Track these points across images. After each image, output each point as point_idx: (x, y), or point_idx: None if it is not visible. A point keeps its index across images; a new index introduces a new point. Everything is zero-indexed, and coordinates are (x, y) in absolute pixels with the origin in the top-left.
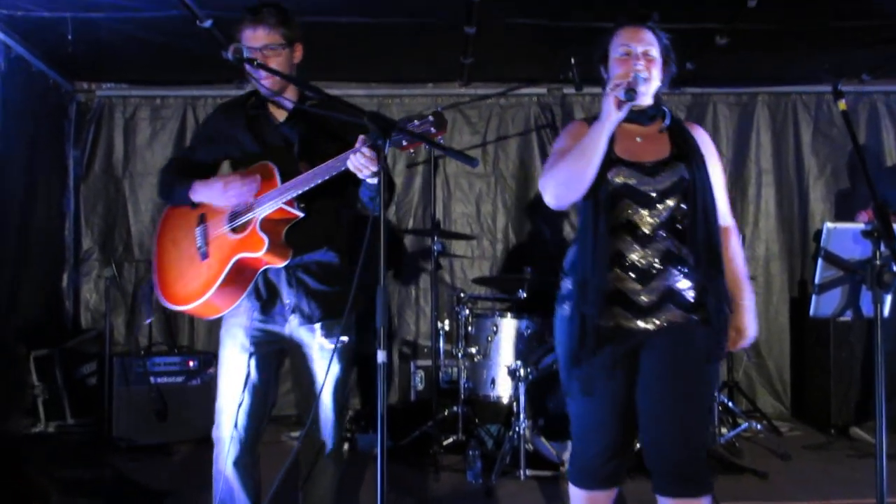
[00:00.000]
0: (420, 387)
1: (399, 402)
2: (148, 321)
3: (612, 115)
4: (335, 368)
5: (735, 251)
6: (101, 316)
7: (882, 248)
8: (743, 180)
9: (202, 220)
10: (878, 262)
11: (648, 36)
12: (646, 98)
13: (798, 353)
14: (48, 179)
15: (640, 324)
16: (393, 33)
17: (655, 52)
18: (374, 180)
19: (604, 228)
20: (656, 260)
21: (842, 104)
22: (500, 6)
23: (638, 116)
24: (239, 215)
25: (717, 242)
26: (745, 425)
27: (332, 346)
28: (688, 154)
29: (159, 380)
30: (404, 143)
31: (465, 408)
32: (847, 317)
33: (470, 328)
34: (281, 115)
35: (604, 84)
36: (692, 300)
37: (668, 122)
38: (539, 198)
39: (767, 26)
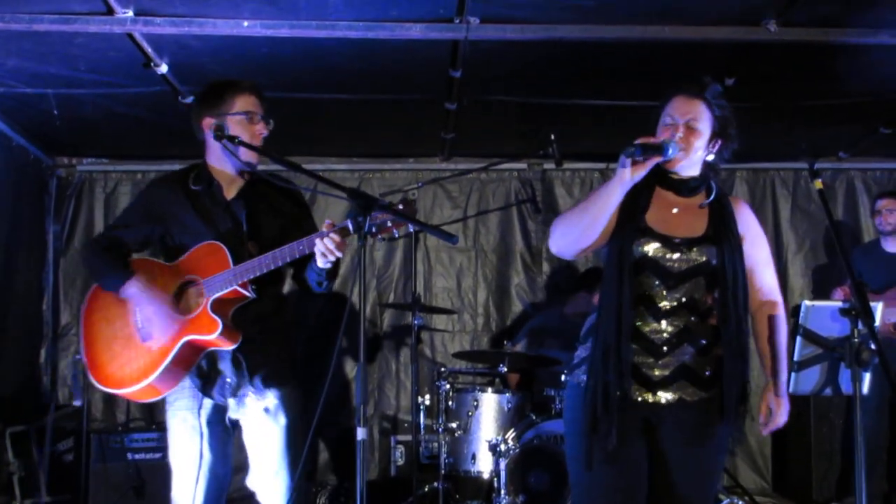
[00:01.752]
0: (400, 462)
1: (379, 477)
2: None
3: (624, 175)
4: (282, 421)
5: (778, 327)
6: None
7: (860, 325)
8: None
9: None
10: (856, 340)
11: (698, 107)
12: (689, 168)
13: (779, 428)
14: (27, 254)
15: (651, 397)
16: (374, 109)
17: (703, 124)
18: (326, 264)
19: (629, 297)
20: (672, 336)
21: (818, 183)
22: (481, 83)
23: (678, 186)
24: (184, 294)
25: (744, 330)
26: (726, 501)
27: (276, 400)
28: (722, 236)
29: (137, 456)
30: (374, 230)
31: (445, 483)
32: (827, 394)
33: (450, 403)
34: (231, 191)
35: None
36: (707, 376)
37: (711, 197)
38: (519, 272)
39: (745, 104)
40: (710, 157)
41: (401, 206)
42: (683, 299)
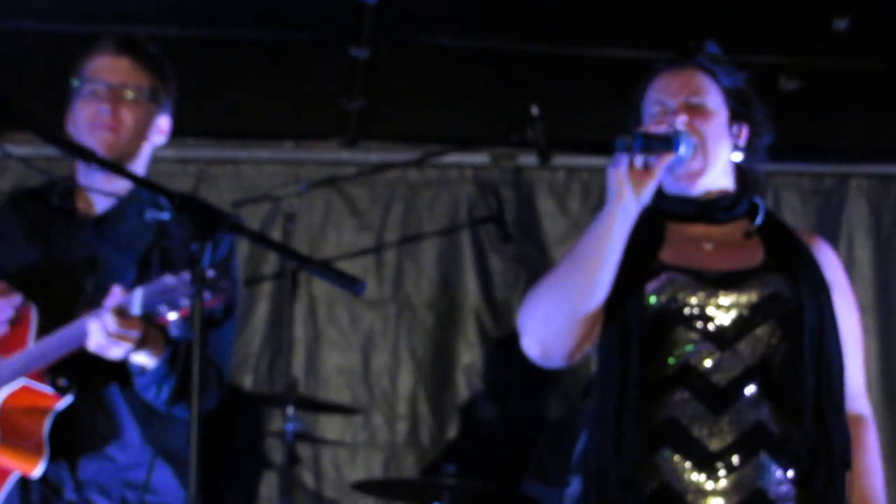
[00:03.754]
0: None
1: None
2: None
3: (622, 195)
4: None
5: (870, 457)
6: None
7: None
8: None
9: None
10: None
11: (695, 80)
12: (714, 177)
13: None
14: None
15: None
16: (227, 55)
17: (710, 98)
18: (146, 359)
19: (638, 377)
20: (737, 438)
21: None
22: (410, 16)
23: (706, 209)
24: None
25: (841, 415)
26: None
27: None
28: (790, 262)
29: None
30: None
31: None
32: None
33: None
34: (92, 210)
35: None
36: None
37: (760, 218)
38: (472, 342)
39: (865, 63)
40: (738, 157)
41: (211, 273)
42: (751, 366)
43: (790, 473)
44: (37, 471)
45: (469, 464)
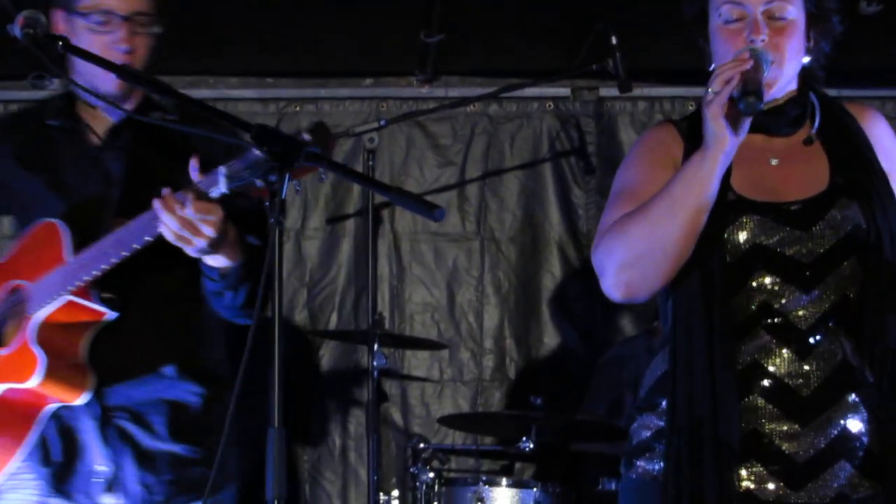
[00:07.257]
0: None
1: None
2: None
3: (722, 141)
4: None
5: None
6: None
7: None
8: None
9: None
10: None
11: None
12: (783, 87)
13: None
14: None
15: (790, 493)
16: None
17: (790, 7)
18: (219, 261)
19: (724, 322)
20: (819, 379)
21: None
22: None
23: (771, 121)
24: (6, 315)
25: None
26: None
27: None
28: (860, 178)
29: None
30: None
31: None
32: None
33: (437, 503)
34: (102, 131)
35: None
36: (869, 453)
37: (817, 122)
38: (557, 275)
39: None
40: (807, 59)
41: (305, 136)
42: (831, 307)
43: (867, 414)
44: (80, 399)
45: (556, 396)
